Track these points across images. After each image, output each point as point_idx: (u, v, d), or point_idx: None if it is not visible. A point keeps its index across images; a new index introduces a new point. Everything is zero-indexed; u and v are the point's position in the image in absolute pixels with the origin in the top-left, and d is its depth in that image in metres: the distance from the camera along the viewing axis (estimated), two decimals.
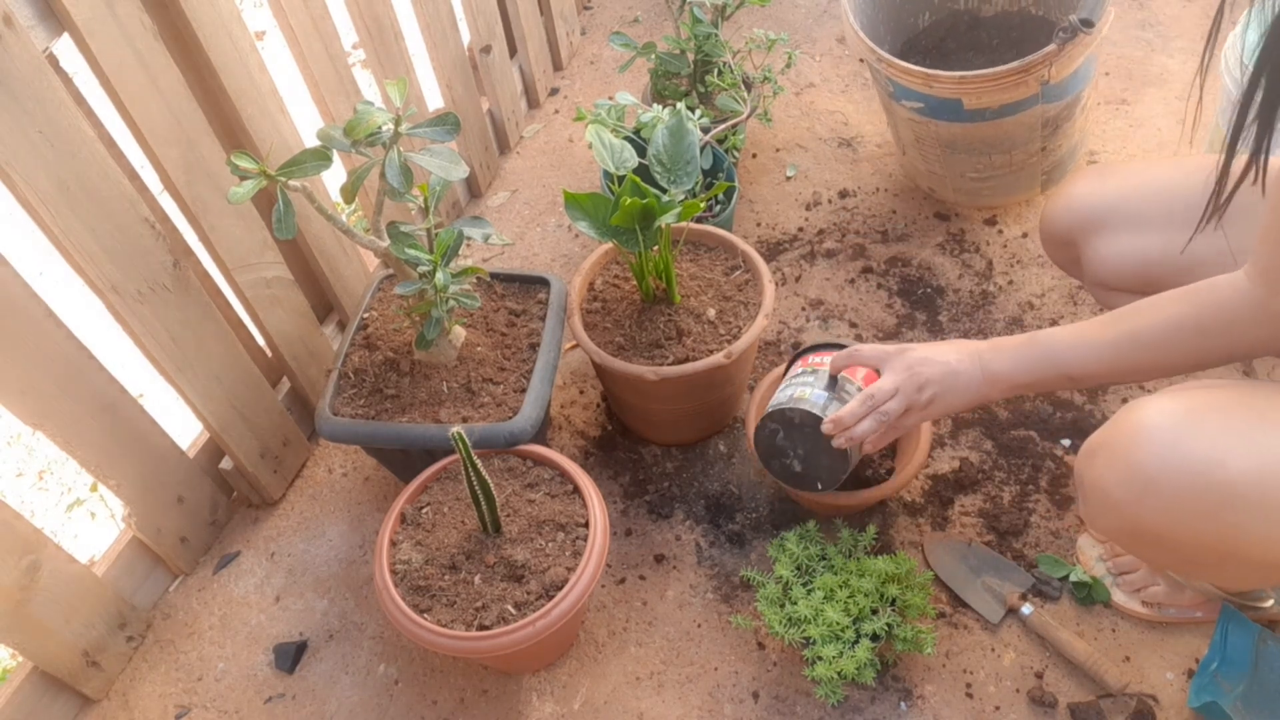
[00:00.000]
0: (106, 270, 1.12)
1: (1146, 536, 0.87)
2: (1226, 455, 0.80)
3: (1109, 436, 0.88)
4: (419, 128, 1.13)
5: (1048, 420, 1.44)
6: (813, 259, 1.73)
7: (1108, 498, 0.88)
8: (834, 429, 1.10)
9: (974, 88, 1.43)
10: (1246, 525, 0.80)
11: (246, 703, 1.28)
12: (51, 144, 1.02)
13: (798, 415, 1.14)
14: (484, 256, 1.84)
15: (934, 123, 1.55)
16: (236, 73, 1.23)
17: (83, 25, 1.03)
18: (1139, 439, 0.84)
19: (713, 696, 1.22)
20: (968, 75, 1.42)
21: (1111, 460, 0.87)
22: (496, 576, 1.14)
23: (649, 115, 1.47)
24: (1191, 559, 0.89)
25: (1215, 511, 0.81)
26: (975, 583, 1.27)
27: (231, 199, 1.03)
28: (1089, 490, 0.91)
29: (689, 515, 1.40)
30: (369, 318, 1.41)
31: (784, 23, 2.28)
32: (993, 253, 1.69)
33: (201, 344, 1.27)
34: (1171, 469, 0.82)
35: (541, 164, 2.01)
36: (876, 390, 1.08)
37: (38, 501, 1.70)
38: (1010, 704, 1.17)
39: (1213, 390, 0.87)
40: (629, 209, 1.22)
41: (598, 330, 1.38)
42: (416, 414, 1.29)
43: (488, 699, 1.25)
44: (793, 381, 1.20)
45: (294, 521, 1.47)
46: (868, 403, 1.08)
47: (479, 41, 1.84)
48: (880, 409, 1.08)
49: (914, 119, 1.58)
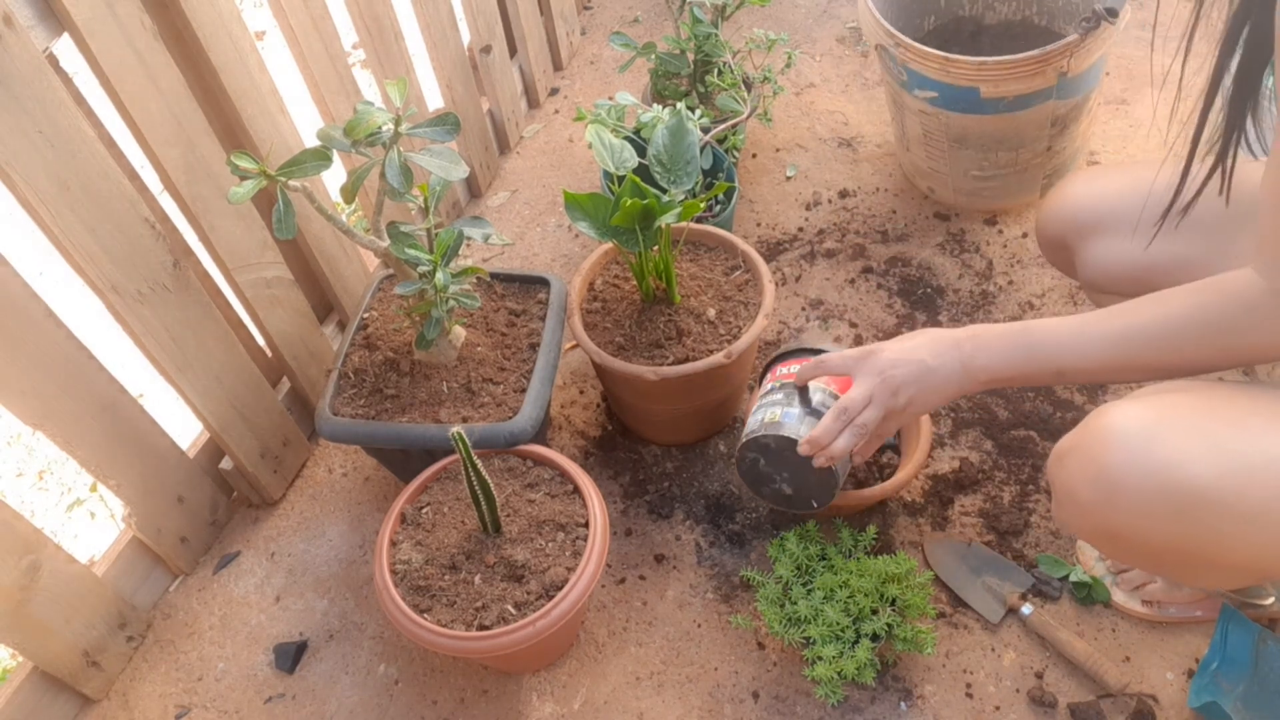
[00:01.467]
0: (106, 270, 1.12)
1: (1116, 538, 0.88)
2: (1192, 459, 0.80)
3: (1079, 440, 0.89)
4: (419, 128, 1.13)
5: (1048, 420, 1.44)
6: (813, 259, 1.73)
7: (1077, 500, 0.88)
8: (811, 450, 1.07)
9: (992, 74, 1.43)
10: (1212, 528, 0.81)
11: (246, 703, 1.28)
12: (51, 144, 1.02)
13: (773, 440, 1.11)
14: (484, 256, 1.84)
15: (945, 114, 1.55)
16: (236, 73, 1.23)
17: (83, 25, 1.03)
18: (1108, 443, 0.85)
19: (713, 696, 1.22)
20: (987, 61, 1.42)
21: (1081, 463, 0.87)
22: (496, 576, 1.14)
23: (649, 115, 1.47)
24: (1161, 560, 0.90)
25: (1180, 514, 0.81)
26: (975, 583, 1.27)
27: (231, 199, 1.03)
28: (1059, 492, 0.92)
29: (689, 515, 1.40)
30: (369, 318, 1.41)
31: (784, 23, 2.28)
32: (993, 253, 1.69)
33: (201, 344, 1.27)
34: (1138, 473, 0.82)
35: (541, 164, 2.01)
36: (849, 402, 1.04)
37: (38, 501, 1.70)
38: (1010, 704, 1.17)
39: (1186, 393, 0.87)
40: (629, 209, 1.22)
41: (598, 330, 1.38)
42: (416, 414, 1.29)
43: (488, 699, 1.25)
44: (763, 402, 1.16)
45: (294, 521, 1.47)
46: (841, 417, 1.04)
47: (479, 41, 1.84)
48: (856, 422, 1.04)
49: (925, 111, 1.58)
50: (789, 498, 1.17)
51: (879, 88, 2.08)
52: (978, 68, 1.43)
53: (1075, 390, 1.47)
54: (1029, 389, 1.48)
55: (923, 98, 1.55)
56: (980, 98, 1.48)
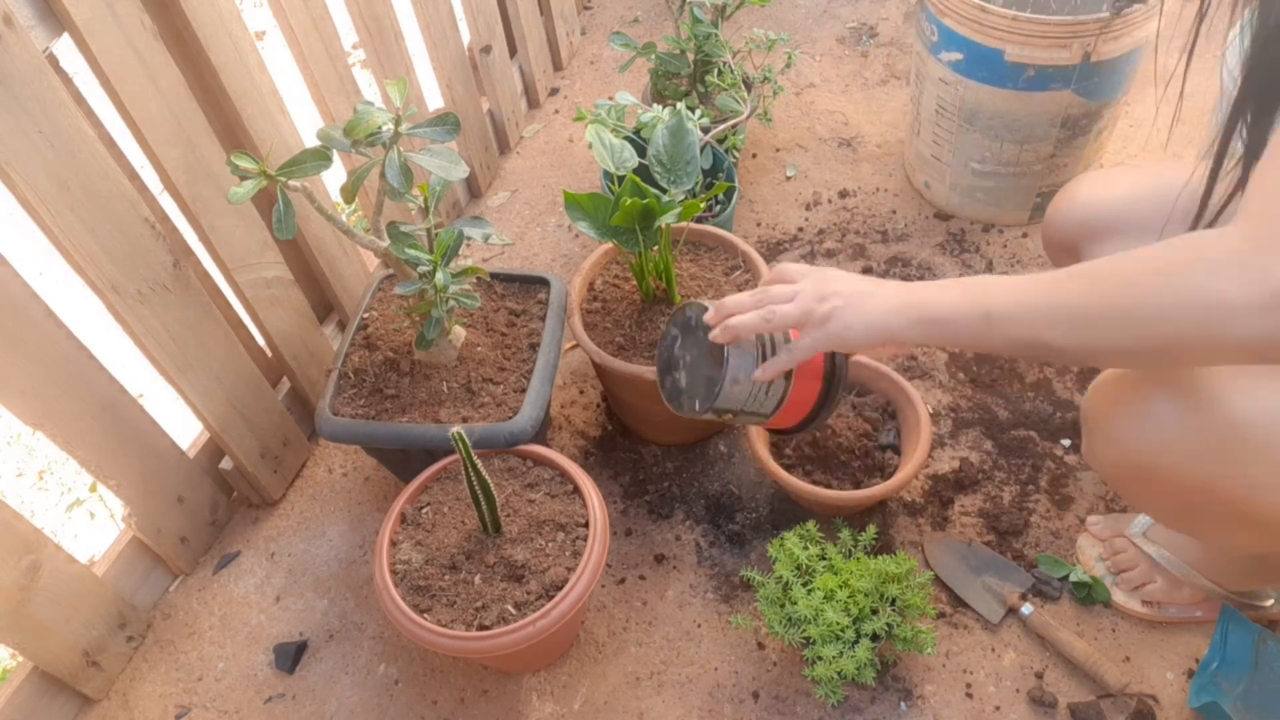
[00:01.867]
0: (106, 270, 1.12)
1: (1149, 475, 0.86)
2: (1236, 395, 0.79)
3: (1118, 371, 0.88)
4: (419, 128, 1.13)
5: (1048, 420, 1.44)
6: (813, 259, 1.73)
7: (1111, 432, 0.87)
8: (716, 316, 0.97)
9: (1023, 32, 1.45)
10: (1247, 469, 0.79)
11: (246, 703, 1.28)
12: (51, 144, 1.02)
13: (693, 311, 1.03)
14: (484, 256, 1.84)
15: (965, 83, 1.56)
16: (236, 73, 1.23)
17: (83, 25, 1.03)
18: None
19: (713, 696, 1.22)
20: (1021, 14, 1.45)
21: (1118, 392, 0.86)
22: (496, 576, 1.14)
23: (649, 115, 1.47)
24: (1187, 505, 0.88)
25: (1216, 451, 0.79)
26: (975, 583, 1.27)
27: (231, 199, 1.03)
28: (1094, 424, 0.90)
29: (689, 515, 1.40)
30: (369, 318, 1.41)
31: (784, 23, 2.28)
32: (992, 253, 1.69)
33: (201, 344, 1.27)
34: (1178, 405, 0.81)
35: (541, 164, 2.01)
36: (773, 288, 0.95)
37: (38, 501, 1.70)
38: (1010, 704, 1.17)
39: None
40: (629, 209, 1.22)
41: (598, 330, 1.38)
42: (416, 414, 1.29)
43: (488, 699, 1.25)
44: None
45: (294, 521, 1.47)
46: (759, 296, 0.95)
47: (479, 41, 1.84)
48: (771, 306, 0.93)
49: (944, 79, 1.59)
50: (681, 392, 1.07)
51: (879, 87, 2.08)
52: (1011, 21, 1.46)
53: (1075, 390, 1.47)
54: (1029, 390, 1.48)
55: (947, 61, 1.57)
56: (1004, 60, 1.49)
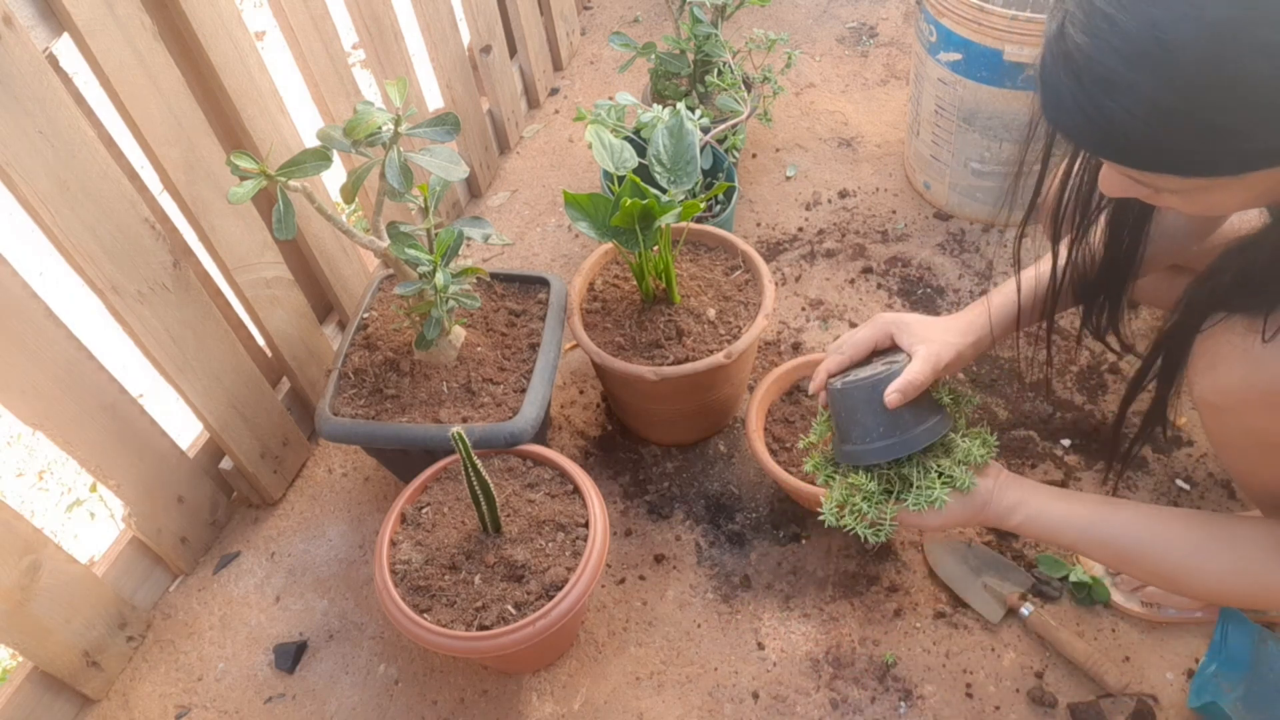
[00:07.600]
0: (106, 270, 1.12)
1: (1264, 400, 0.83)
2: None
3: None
4: (419, 128, 1.13)
5: (1048, 420, 1.44)
6: (813, 259, 1.73)
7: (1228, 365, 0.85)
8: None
9: (1021, 31, 1.46)
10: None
11: (246, 703, 1.28)
12: (51, 144, 1.02)
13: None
14: (484, 256, 1.84)
15: (963, 84, 1.57)
16: (236, 73, 1.23)
17: (83, 25, 1.03)
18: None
19: (713, 696, 1.22)
20: (1019, 14, 1.46)
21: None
22: (496, 576, 1.14)
23: (649, 115, 1.47)
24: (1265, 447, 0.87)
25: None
26: (975, 583, 1.27)
27: (231, 199, 1.03)
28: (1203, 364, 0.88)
29: (689, 515, 1.40)
30: (369, 318, 1.41)
31: (784, 23, 2.28)
32: (993, 253, 1.69)
33: (201, 344, 1.27)
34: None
35: (541, 164, 2.01)
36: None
37: (38, 501, 1.70)
38: (1010, 704, 1.17)
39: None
40: (629, 209, 1.22)
41: (598, 330, 1.38)
42: (416, 414, 1.29)
43: (488, 699, 1.25)
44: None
45: (294, 521, 1.47)
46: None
47: (479, 41, 1.84)
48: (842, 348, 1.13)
49: (943, 79, 1.60)
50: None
51: (879, 88, 2.08)
52: (1009, 20, 1.46)
53: (1075, 390, 1.47)
54: (1029, 390, 1.48)
55: (945, 62, 1.57)
56: (1003, 60, 1.50)
